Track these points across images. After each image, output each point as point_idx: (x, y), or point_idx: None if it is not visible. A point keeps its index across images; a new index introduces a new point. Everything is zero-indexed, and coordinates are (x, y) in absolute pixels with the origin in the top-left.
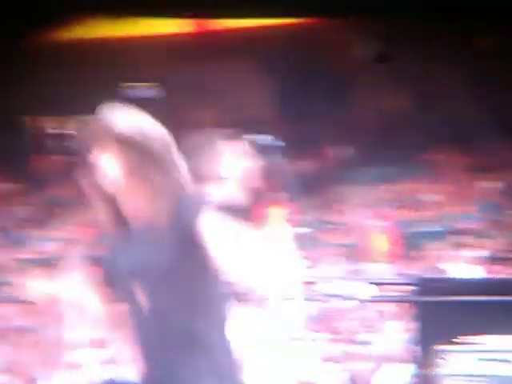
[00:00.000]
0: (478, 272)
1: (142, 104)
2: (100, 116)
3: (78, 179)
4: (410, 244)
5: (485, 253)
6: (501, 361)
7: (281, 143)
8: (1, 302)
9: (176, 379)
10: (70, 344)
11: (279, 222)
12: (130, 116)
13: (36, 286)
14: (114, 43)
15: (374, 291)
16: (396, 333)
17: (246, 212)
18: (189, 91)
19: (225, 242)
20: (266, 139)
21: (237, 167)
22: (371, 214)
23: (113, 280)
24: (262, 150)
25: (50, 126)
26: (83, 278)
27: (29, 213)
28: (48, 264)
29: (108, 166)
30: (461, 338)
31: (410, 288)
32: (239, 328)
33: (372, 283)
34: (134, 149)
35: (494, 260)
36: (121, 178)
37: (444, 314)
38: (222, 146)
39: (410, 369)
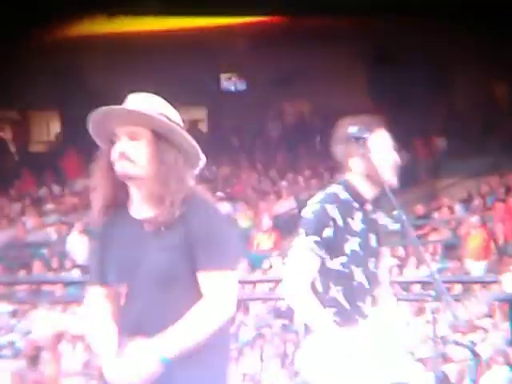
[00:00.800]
0: None
1: (230, 96)
2: (129, 103)
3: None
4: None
5: None
6: None
7: (368, 134)
8: None
9: None
10: None
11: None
12: (156, 102)
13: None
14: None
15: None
16: (498, 333)
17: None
18: (278, 82)
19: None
20: (354, 130)
21: (381, 158)
22: (470, 208)
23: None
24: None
25: None
26: None
27: None
28: None
29: (135, 152)
30: None
31: None
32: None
33: (470, 282)
34: (161, 136)
35: None
36: (146, 164)
37: None
38: (373, 135)
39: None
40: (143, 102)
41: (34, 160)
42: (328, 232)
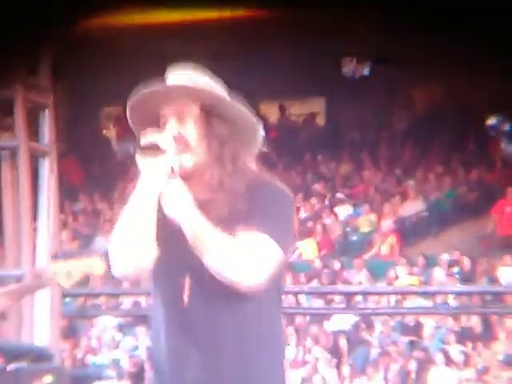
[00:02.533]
0: None
1: (351, 84)
2: (170, 79)
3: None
4: None
5: None
6: None
7: (509, 126)
8: None
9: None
10: None
11: None
12: (200, 76)
13: None
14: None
15: None
16: None
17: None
18: (410, 66)
19: None
20: (494, 120)
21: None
22: None
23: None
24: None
25: None
26: None
27: None
28: None
29: (188, 134)
30: None
31: None
32: None
33: None
34: (211, 111)
35: None
36: (198, 145)
37: None
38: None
39: None
40: (185, 77)
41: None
42: None
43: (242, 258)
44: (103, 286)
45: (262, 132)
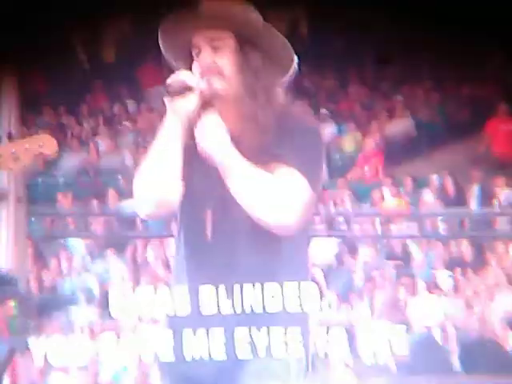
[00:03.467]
0: None
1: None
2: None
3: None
4: None
5: None
6: None
7: None
8: None
9: None
10: None
11: None
12: (236, 3)
13: None
14: None
15: None
16: None
17: None
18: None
19: None
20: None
21: None
22: None
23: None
24: None
25: None
26: None
27: None
28: None
29: (222, 63)
30: None
31: None
32: None
33: None
34: (246, 40)
35: None
36: (233, 75)
37: None
38: None
39: None
40: (219, 3)
41: (106, 71)
42: None
43: (274, 194)
44: (71, 207)
45: (295, 60)
